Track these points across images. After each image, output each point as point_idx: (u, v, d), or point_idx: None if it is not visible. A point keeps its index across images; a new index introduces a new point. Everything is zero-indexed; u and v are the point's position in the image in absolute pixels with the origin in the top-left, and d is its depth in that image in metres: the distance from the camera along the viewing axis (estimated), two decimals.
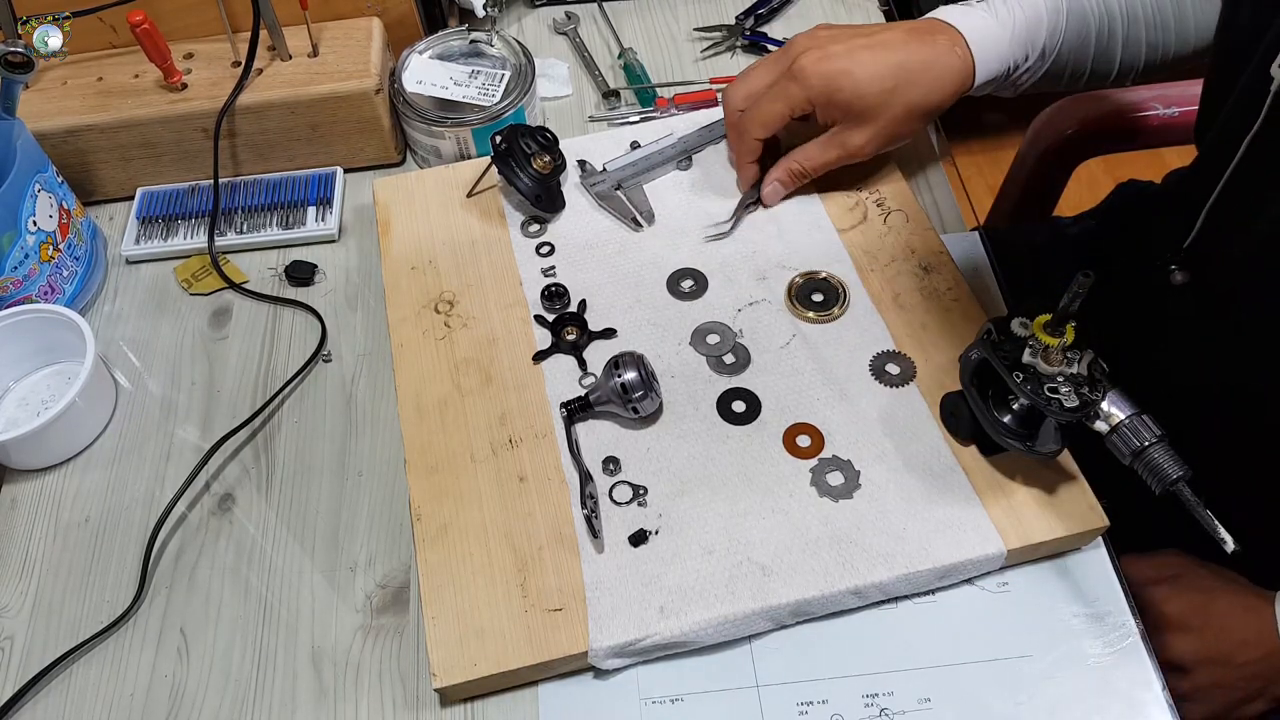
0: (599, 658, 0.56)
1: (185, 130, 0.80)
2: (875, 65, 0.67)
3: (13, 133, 0.72)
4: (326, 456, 0.69)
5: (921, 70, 0.68)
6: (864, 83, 0.67)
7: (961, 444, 0.62)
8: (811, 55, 0.68)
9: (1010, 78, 0.71)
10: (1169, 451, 0.52)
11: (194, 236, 0.80)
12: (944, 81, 0.68)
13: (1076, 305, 0.53)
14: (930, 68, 0.68)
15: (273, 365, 0.74)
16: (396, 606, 0.62)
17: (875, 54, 0.68)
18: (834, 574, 0.58)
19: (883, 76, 0.67)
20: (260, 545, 0.66)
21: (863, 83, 0.67)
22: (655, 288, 0.72)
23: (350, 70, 0.80)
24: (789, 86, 0.69)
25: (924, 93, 0.68)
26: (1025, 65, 0.71)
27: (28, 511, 0.68)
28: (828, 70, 0.67)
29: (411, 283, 0.73)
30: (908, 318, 0.68)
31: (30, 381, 0.74)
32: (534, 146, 0.75)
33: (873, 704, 0.56)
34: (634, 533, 0.60)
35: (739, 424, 0.64)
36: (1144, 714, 0.56)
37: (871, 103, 0.68)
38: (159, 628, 0.63)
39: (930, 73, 0.68)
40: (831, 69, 0.67)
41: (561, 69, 0.91)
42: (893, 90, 0.67)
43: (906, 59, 0.68)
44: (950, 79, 0.68)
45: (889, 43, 0.68)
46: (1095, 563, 0.61)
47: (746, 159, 0.74)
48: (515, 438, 0.65)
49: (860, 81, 0.67)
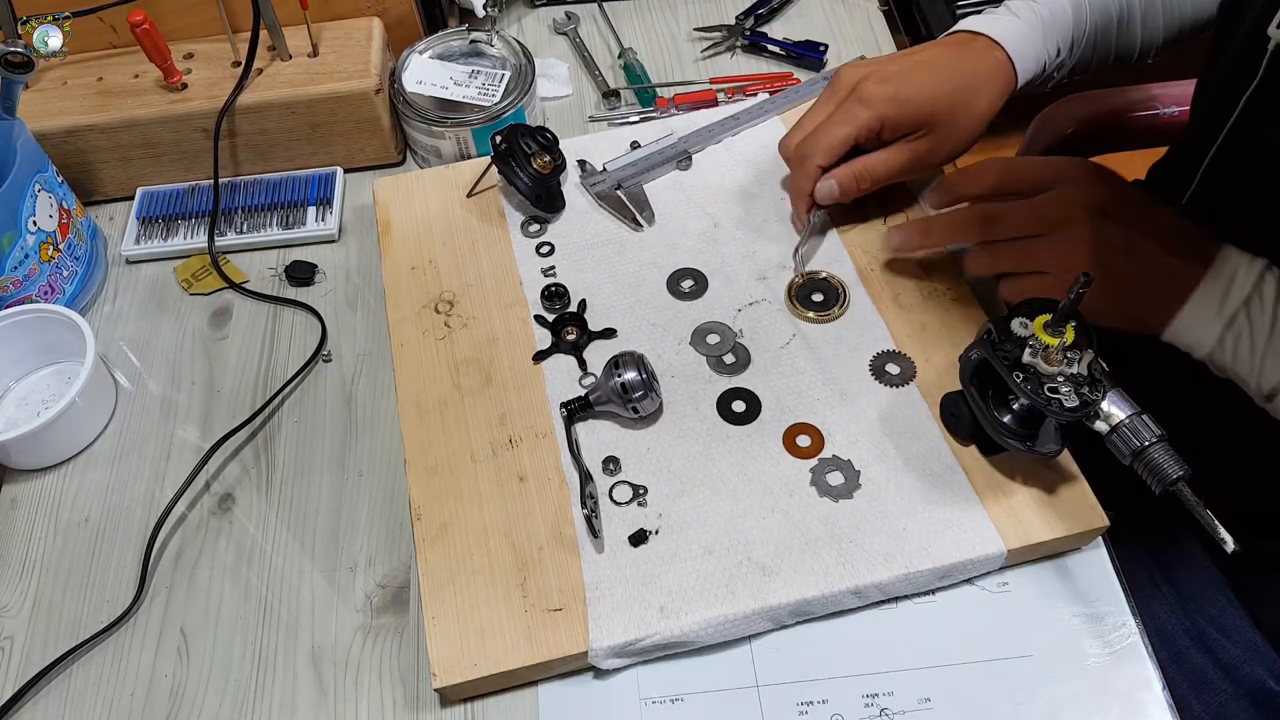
0: (599, 658, 0.56)
1: (185, 130, 0.80)
2: (934, 78, 0.69)
3: (13, 133, 0.72)
4: (326, 456, 0.69)
5: (973, 76, 0.69)
6: (929, 97, 0.68)
7: (961, 444, 0.62)
8: (871, 79, 0.69)
9: (1045, 72, 0.72)
10: (1169, 451, 0.52)
11: (194, 236, 0.80)
12: (995, 86, 0.70)
13: (1076, 305, 0.53)
14: (981, 74, 0.69)
15: (273, 365, 0.74)
16: (396, 606, 0.62)
17: (929, 70, 0.69)
18: (834, 574, 0.58)
19: (944, 88, 0.68)
20: (260, 545, 0.66)
21: (928, 97, 0.68)
22: (655, 288, 0.72)
23: (350, 70, 0.80)
24: (854, 110, 0.68)
25: (978, 98, 0.69)
26: (1057, 59, 0.72)
27: (28, 511, 0.68)
28: (891, 90, 0.68)
29: (411, 283, 0.73)
30: (908, 318, 0.69)
31: (30, 381, 0.74)
32: (534, 146, 0.75)
33: (873, 704, 0.56)
34: (634, 533, 0.60)
35: (739, 424, 0.64)
36: (1144, 714, 0.56)
37: (940, 114, 0.68)
38: (159, 628, 0.63)
39: (983, 79, 0.69)
40: (894, 88, 0.68)
41: (561, 69, 0.91)
42: (954, 101, 0.68)
43: (958, 68, 0.69)
44: (999, 82, 0.70)
45: (936, 59, 0.70)
46: (1095, 563, 0.61)
47: (807, 187, 0.71)
48: (515, 438, 0.65)
49: (926, 96, 0.68)
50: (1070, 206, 0.62)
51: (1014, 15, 0.71)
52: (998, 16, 0.72)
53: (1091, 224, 0.61)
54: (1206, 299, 0.59)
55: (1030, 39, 0.70)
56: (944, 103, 0.68)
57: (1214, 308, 0.59)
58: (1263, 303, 0.58)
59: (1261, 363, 0.58)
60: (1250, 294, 0.58)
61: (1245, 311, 0.58)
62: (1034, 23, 0.71)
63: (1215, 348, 0.60)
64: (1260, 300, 0.58)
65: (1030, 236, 0.63)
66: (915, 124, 0.69)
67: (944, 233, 0.68)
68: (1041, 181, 0.64)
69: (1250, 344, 0.58)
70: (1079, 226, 0.62)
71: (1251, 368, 0.58)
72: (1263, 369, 0.58)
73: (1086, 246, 0.61)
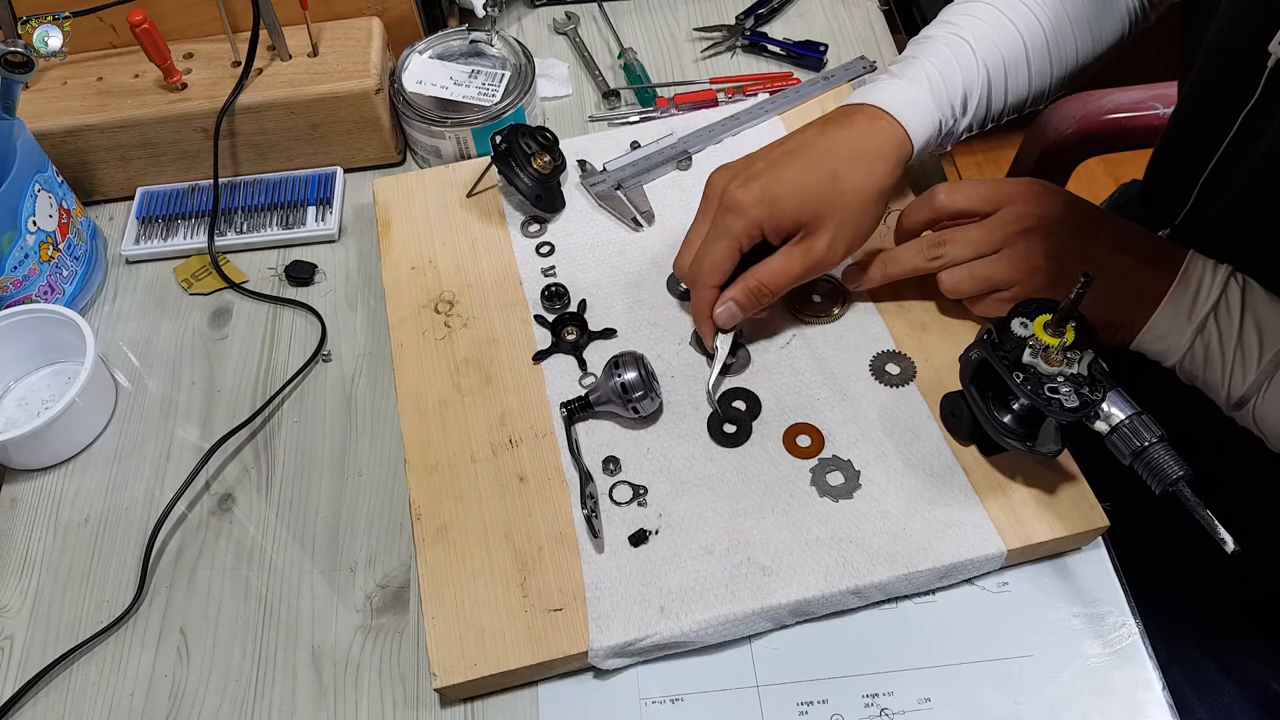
0: (599, 658, 0.56)
1: (185, 130, 0.80)
2: (805, 166, 0.63)
3: (13, 133, 0.72)
4: (326, 456, 0.69)
5: (853, 154, 0.63)
6: (801, 189, 0.62)
7: (961, 444, 0.62)
8: (735, 184, 0.63)
9: (943, 132, 0.68)
10: (1169, 451, 0.52)
11: (194, 236, 0.80)
12: (881, 156, 0.64)
13: (1077, 305, 0.53)
14: (861, 148, 0.64)
15: (273, 365, 0.74)
16: (396, 606, 0.62)
17: (799, 157, 0.63)
18: (834, 574, 0.58)
19: (816, 175, 0.62)
20: (260, 545, 0.66)
21: (799, 189, 0.62)
22: (655, 288, 0.72)
23: (350, 70, 0.80)
24: (727, 221, 0.63)
25: (865, 174, 0.63)
26: (954, 116, 0.68)
27: (28, 511, 0.68)
28: (757, 192, 0.62)
29: (411, 283, 0.73)
30: (908, 318, 0.69)
31: (30, 381, 0.74)
32: (534, 146, 0.75)
33: (873, 704, 0.56)
34: (634, 533, 0.60)
35: (730, 446, 0.64)
36: (1144, 714, 0.56)
37: (817, 203, 0.62)
38: (159, 628, 0.63)
39: (863, 153, 0.63)
40: (760, 188, 0.62)
41: (561, 69, 0.91)
42: (832, 183, 0.62)
43: (833, 147, 0.64)
44: (887, 152, 0.64)
45: (807, 141, 0.64)
46: (1095, 563, 0.61)
47: (706, 312, 0.65)
48: (515, 438, 0.65)
49: (797, 189, 0.62)
50: (1020, 220, 0.62)
51: (896, 78, 0.67)
52: (879, 84, 0.67)
53: (1046, 234, 0.61)
54: (1176, 306, 0.59)
55: (918, 101, 0.65)
56: (819, 192, 0.62)
57: (1184, 314, 0.59)
58: (1229, 308, 0.58)
59: (1231, 369, 0.58)
60: (1218, 300, 0.58)
61: (1214, 317, 0.58)
62: (920, 82, 0.66)
63: (1186, 355, 0.60)
64: (1227, 305, 0.58)
65: (983, 256, 0.63)
66: (795, 222, 0.62)
67: (898, 263, 0.66)
68: (990, 201, 0.63)
69: (1220, 350, 0.58)
70: (1032, 238, 0.61)
71: (1221, 375, 0.59)
72: (1232, 375, 0.58)
73: (1043, 256, 0.61)
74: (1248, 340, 0.58)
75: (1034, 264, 0.61)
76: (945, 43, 0.68)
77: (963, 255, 0.63)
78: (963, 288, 0.64)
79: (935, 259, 0.64)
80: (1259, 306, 0.58)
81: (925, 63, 0.67)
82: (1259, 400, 0.58)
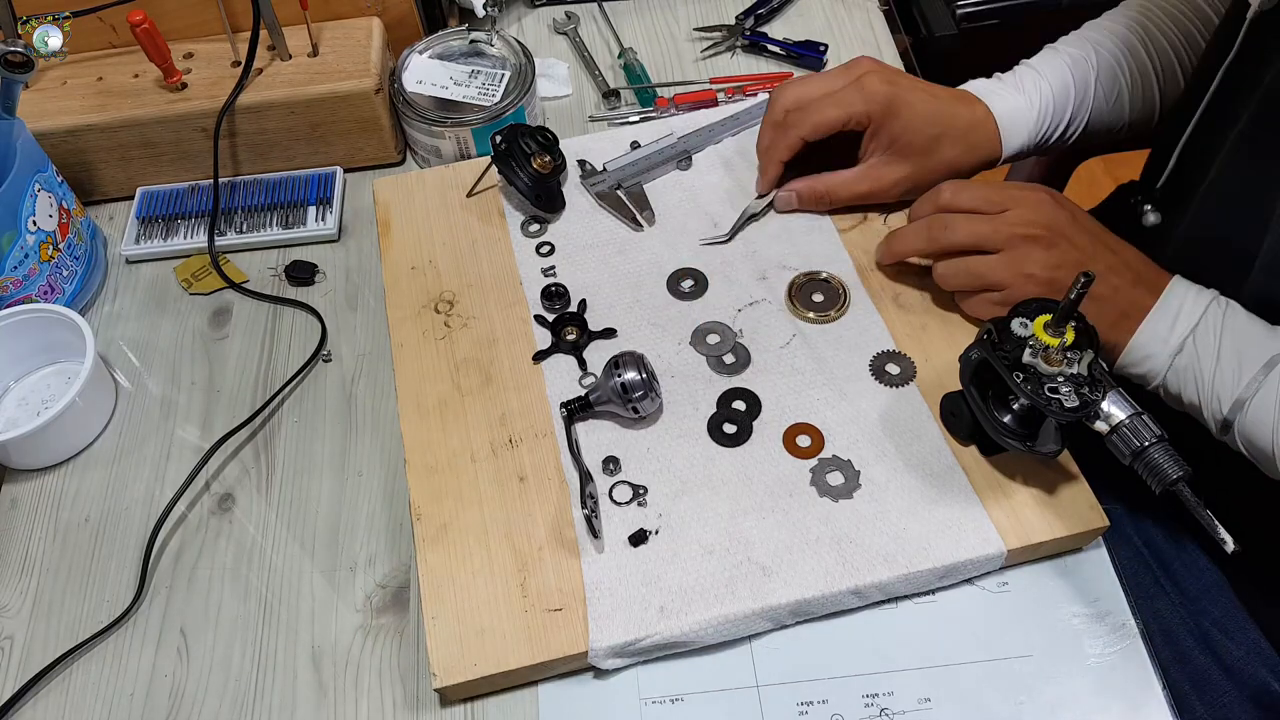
0: (599, 658, 0.56)
1: (185, 130, 0.80)
2: (931, 106, 0.69)
3: (13, 132, 0.72)
4: (326, 456, 0.69)
5: (964, 129, 0.70)
6: (919, 117, 0.69)
7: (961, 444, 0.62)
8: (879, 75, 0.69)
9: (1038, 147, 0.73)
10: (1169, 451, 0.52)
11: (194, 236, 0.80)
12: (978, 148, 0.71)
13: (1077, 305, 0.53)
14: (971, 131, 0.70)
15: (273, 365, 0.74)
16: (396, 606, 0.62)
17: (931, 97, 0.70)
18: (834, 574, 0.58)
19: (935, 119, 0.69)
20: (260, 545, 0.66)
21: (918, 116, 0.69)
22: (655, 288, 0.72)
23: (350, 70, 0.80)
24: (852, 95, 0.69)
25: (961, 152, 0.70)
26: (1056, 135, 0.73)
27: (28, 511, 0.68)
28: (892, 93, 0.68)
29: (411, 283, 0.73)
30: (908, 318, 0.69)
31: (30, 381, 0.74)
32: (534, 146, 0.75)
33: (873, 704, 0.56)
34: (634, 533, 0.60)
35: (731, 445, 0.64)
36: (1144, 714, 0.56)
37: (918, 142, 0.69)
38: (159, 628, 0.63)
39: (970, 135, 0.70)
40: (896, 92, 0.68)
41: (561, 69, 0.91)
42: (938, 137, 0.69)
43: (955, 113, 0.70)
44: (983, 148, 0.71)
45: (940, 94, 0.71)
46: (1095, 563, 0.61)
47: (779, 156, 0.72)
48: (515, 438, 0.65)
49: (917, 114, 0.69)
50: (1026, 226, 0.63)
51: (1018, 92, 0.72)
52: (1002, 86, 0.72)
53: (1047, 246, 0.62)
54: (1155, 326, 0.60)
55: (1026, 119, 0.71)
56: (928, 132, 0.69)
57: (1163, 335, 0.60)
58: (1209, 330, 0.59)
59: (1211, 392, 0.59)
60: (1197, 323, 0.60)
61: (1192, 339, 0.59)
62: (1035, 101, 0.71)
63: (1167, 377, 0.61)
64: (1207, 328, 0.59)
65: (984, 253, 0.64)
66: (892, 139, 0.70)
67: (902, 241, 0.68)
68: (994, 204, 0.64)
69: (1197, 373, 0.59)
70: (1032, 247, 0.62)
71: (1201, 398, 0.59)
72: (1213, 399, 0.59)
73: (1039, 265, 0.62)
74: (1225, 361, 0.58)
75: (1029, 271, 0.62)
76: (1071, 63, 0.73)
77: (964, 241, 0.64)
78: (955, 280, 0.65)
79: (936, 240, 0.65)
80: (1239, 328, 0.59)
81: (1045, 83, 0.72)
82: (1242, 420, 0.58)
